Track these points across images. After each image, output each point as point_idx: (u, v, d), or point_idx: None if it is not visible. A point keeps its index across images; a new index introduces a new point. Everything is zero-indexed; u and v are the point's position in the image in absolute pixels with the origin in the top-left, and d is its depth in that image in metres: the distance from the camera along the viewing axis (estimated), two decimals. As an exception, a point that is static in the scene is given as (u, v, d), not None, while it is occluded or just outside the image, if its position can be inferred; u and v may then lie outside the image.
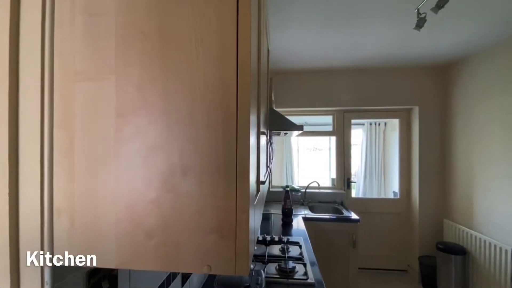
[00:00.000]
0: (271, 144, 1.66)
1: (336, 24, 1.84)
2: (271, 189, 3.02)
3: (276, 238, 1.75)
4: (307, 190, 2.95)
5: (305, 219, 2.34)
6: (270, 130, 1.47)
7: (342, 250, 2.30)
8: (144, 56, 0.41)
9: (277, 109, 2.96)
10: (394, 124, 3.14)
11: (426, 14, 1.55)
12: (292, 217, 2.28)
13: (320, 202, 2.94)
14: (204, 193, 0.38)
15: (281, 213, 2.31)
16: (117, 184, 0.41)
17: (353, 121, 3.11)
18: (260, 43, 0.63)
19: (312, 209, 2.74)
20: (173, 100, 0.39)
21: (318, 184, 2.90)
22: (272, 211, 2.59)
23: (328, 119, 3.20)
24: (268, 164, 0.98)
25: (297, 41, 2.13)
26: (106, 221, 0.41)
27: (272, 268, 1.36)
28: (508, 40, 2.02)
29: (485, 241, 2.16)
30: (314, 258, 1.53)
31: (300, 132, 1.78)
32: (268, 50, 1.10)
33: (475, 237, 2.26)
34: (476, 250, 2.26)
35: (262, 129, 0.66)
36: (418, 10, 1.56)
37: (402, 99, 2.85)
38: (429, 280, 2.58)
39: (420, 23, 1.57)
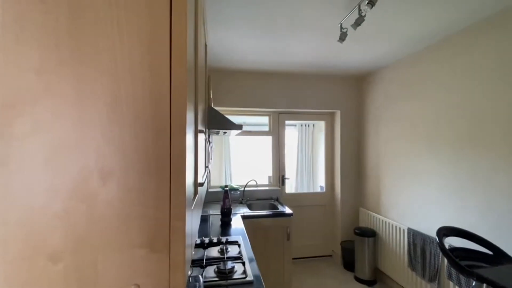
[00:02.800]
0: (209, 143, 1.61)
1: (271, 30, 1.92)
2: (209, 190, 2.94)
3: (215, 240, 1.71)
4: (246, 189, 3.00)
5: (244, 217, 2.37)
6: (209, 129, 1.43)
7: (277, 244, 2.42)
8: (46, 32, 0.32)
9: (215, 108, 2.91)
10: (321, 126, 3.49)
11: (347, 29, 1.77)
12: (231, 216, 2.28)
13: (258, 199, 3.03)
14: (130, 201, 0.32)
15: (220, 213, 2.27)
16: (5, 195, 0.31)
17: (287, 122, 3.31)
18: (197, 35, 0.59)
19: (250, 207, 2.80)
20: (88, 90, 0.32)
21: (256, 182, 2.98)
22: (211, 212, 2.53)
23: (265, 119, 3.32)
24: (207, 165, 0.94)
25: (236, 41, 2.13)
26: (-13, 246, 0.30)
27: (211, 271, 1.32)
28: (405, 59, 2.48)
29: (389, 223, 2.62)
30: (252, 255, 1.56)
31: (239, 131, 1.78)
32: (206, 45, 1.05)
33: (382, 220, 2.72)
34: (383, 231, 2.71)
35: (200, 127, 0.63)
36: (341, 25, 1.77)
37: (327, 103, 3.19)
38: (349, 261, 2.97)
39: (343, 36, 1.78)
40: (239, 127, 1.51)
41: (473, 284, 1.64)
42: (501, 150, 1.63)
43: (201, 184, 0.57)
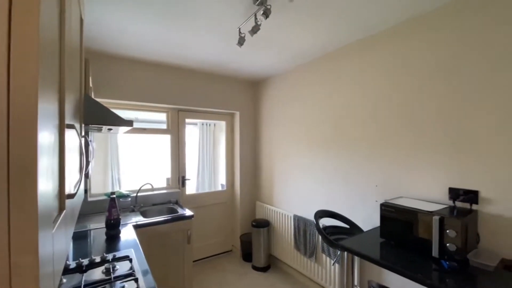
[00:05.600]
0: (89, 142, 1.31)
1: (168, 21, 1.78)
2: (90, 199, 2.43)
3: (98, 259, 1.42)
4: (139, 194, 2.67)
5: (137, 227, 2.09)
6: (86, 125, 1.16)
7: (177, 249, 2.28)
8: None
9: (98, 99, 2.43)
10: (222, 125, 3.56)
11: (245, 34, 1.86)
12: (120, 227, 1.96)
13: (154, 204, 2.75)
14: None
15: (105, 226, 1.91)
16: None
17: (187, 120, 3.18)
18: (63, 1, 0.45)
19: (144, 214, 2.51)
20: None
21: (152, 186, 2.70)
22: (93, 225, 2.09)
23: (163, 116, 3.07)
24: (83, 170, 0.75)
25: (129, 25, 1.84)
26: None
27: (90, 299, 1.08)
28: (292, 70, 2.88)
29: (279, 213, 2.97)
30: (147, 267, 1.39)
31: (130, 128, 1.56)
32: (81, 19, 0.84)
33: (274, 211, 3.06)
34: (275, 220, 3.06)
35: (69, 122, 0.48)
36: (239, 29, 1.85)
37: (227, 104, 3.29)
38: (248, 252, 3.18)
39: (241, 41, 1.86)
40: (128, 123, 1.31)
41: (338, 253, 2.09)
42: (354, 149, 2.16)
43: (72, 196, 0.44)
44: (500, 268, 1.21)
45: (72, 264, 1.35)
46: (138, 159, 3.03)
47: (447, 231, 1.26)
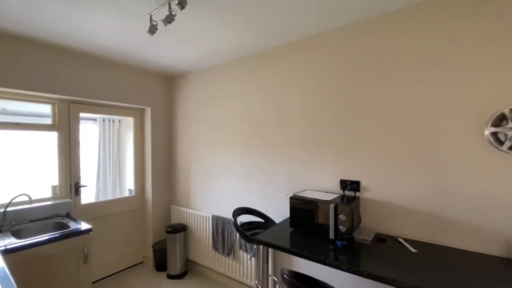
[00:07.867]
0: None
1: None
2: None
3: None
4: (10, 209, 2.04)
5: (5, 252, 1.59)
6: None
7: (70, 272, 1.87)
8: None
9: None
10: (129, 122, 3.14)
11: (157, 22, 1.69)
12: (-26, 258, 1.43)
13: (33, 221, 2.16)
14: None
15: None
16: None
17: (82, 114, 2.65)
18: None
19: (18, 235, 1.94)
20: None
21: (30, 198, 2.10)
22: None
23: (46, 108, 2.44)
24: None
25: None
26: None
27: None
28: (210, 68, 2.83)
29: (197, 215, 2.88)
30: (20, 306, 1.07)
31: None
32: None
33: (192, 213, 2.94)
34: (192, 223, 2.94)
35: None
36: (151, 16, 1.67)
37: (136, 98, 2.93)
38: (162, 261, 2.93)
39: (153, 29, 1.68)
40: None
41: (254, 247, 2.19)
42: (268, 148, 2.31)
43: None
44: (375, 241, 1.55)
45: None
46: (8, 163, 2.31)
47: (340, 216, 1.52)
